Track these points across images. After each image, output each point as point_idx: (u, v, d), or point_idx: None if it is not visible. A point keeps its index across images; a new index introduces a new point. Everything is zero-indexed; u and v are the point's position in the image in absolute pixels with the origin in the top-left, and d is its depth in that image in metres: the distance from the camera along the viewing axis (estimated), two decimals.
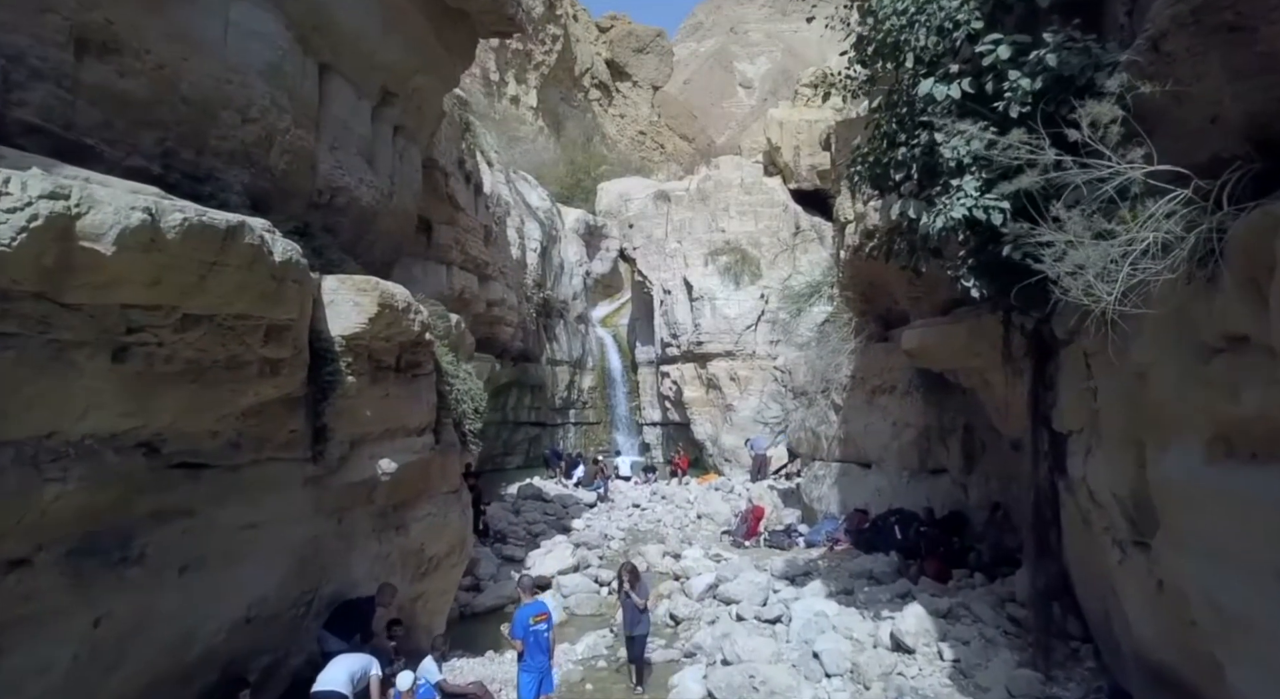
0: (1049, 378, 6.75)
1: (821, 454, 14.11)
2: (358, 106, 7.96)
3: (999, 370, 8.66)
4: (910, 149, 6.78)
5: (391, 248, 9.60)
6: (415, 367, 7.39)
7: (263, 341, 5.16)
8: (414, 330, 6.92)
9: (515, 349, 22.80)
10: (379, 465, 6.97)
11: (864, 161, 7.36)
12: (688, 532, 15.00)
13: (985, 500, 10.31)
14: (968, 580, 9.35)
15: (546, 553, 12.30)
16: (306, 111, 6.91)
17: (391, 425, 7.09)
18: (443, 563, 8.33)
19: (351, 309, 6.31)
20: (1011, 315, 6.91)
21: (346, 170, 7.63)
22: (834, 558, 11.80)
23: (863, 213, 12.17)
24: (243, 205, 6.27)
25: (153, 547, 5.06)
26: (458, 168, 16.57)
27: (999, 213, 6.03)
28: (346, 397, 6.40)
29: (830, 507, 13.47)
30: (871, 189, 7.63)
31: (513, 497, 17.65)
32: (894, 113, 6.97)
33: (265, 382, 5.34)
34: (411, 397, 7.32)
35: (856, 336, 13.20)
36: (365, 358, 6.65)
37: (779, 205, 25.36)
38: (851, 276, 13.37)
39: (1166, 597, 5.26)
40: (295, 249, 5.05)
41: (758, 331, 23.56)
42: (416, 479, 7.59)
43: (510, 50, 40.93)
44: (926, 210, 6.59)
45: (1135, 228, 3.84)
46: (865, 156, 7.37)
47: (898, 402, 12.22)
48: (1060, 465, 6.67)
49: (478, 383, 9.14)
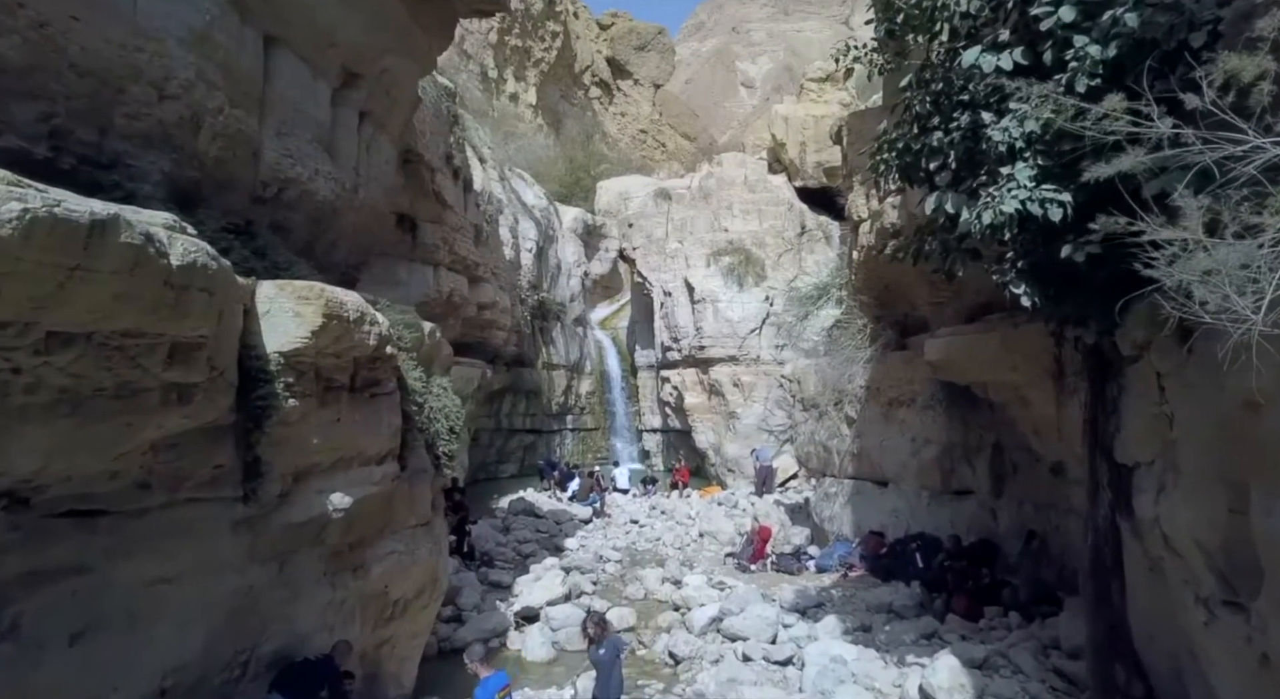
0: (1110, 400, 5.77)
1: (833, 470, 13.13)
2: (313, 87, 7.00)
3: (1040, 387, 7.70)
4: (948, 133, 5.81)
5: (358, 249, 8.63)
6: (374, 385, 6.42)
7: (165, 364, 4.19)
8: (369, 344, 5.95)
9: (509, 354, 21.86)
10: (329, 501, 6.00)
11: (891, 149, 6.38)
12: (689, 552, 14.02)
13: (1018, 527, 9.32)
14: (1002, 620, 8.36)
15: (535, 580, 11.32)
16: (246, 90, 5.95)
17: (345, 454, 6.12)
18: (411, 605, 7.36)
19: (291, 321, 5.34)
20: (1064, 327, 5.93)
21: (298, 159, 6.68)
22: (848, 586, 10.83)
23: (879, 210, 11.19)
24: (161, 197, 5.32)
25: (29, 615, 4.13)
26: (445, 163, 15.62)
27: (1058, 207, 5.06)
28: (286, 423, 5.44)
29: (842, 528, 12.49)
30: (899, 181, 6.64)
31: (503, 512, 16.68)
32: (928, 91, 6.00)
33: (171, 412, 4.38)
34: (370, 420, 6.36)
35: (872, 344, 12.22)
36: (311, 377, 5.68)
37: (784, 204, 24.39)
38: (865, 279, 12.39)
39: (1273, 674, 4.30)
40: (203, 251, 4.09)
41: (762, 336, 22.58)
42: (377, 513, 6.63)
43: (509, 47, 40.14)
44: (968, 204, 5.63)
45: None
46: (893, 143, 6.39)
47: (917, 415, 11.25)
48: (1124, 502, 5.69)
49: (454, 399, 8.17)
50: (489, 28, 37.77)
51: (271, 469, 5.43)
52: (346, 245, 8.12)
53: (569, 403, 27.21)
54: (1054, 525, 8.66)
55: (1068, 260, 5.18)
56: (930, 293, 10.73)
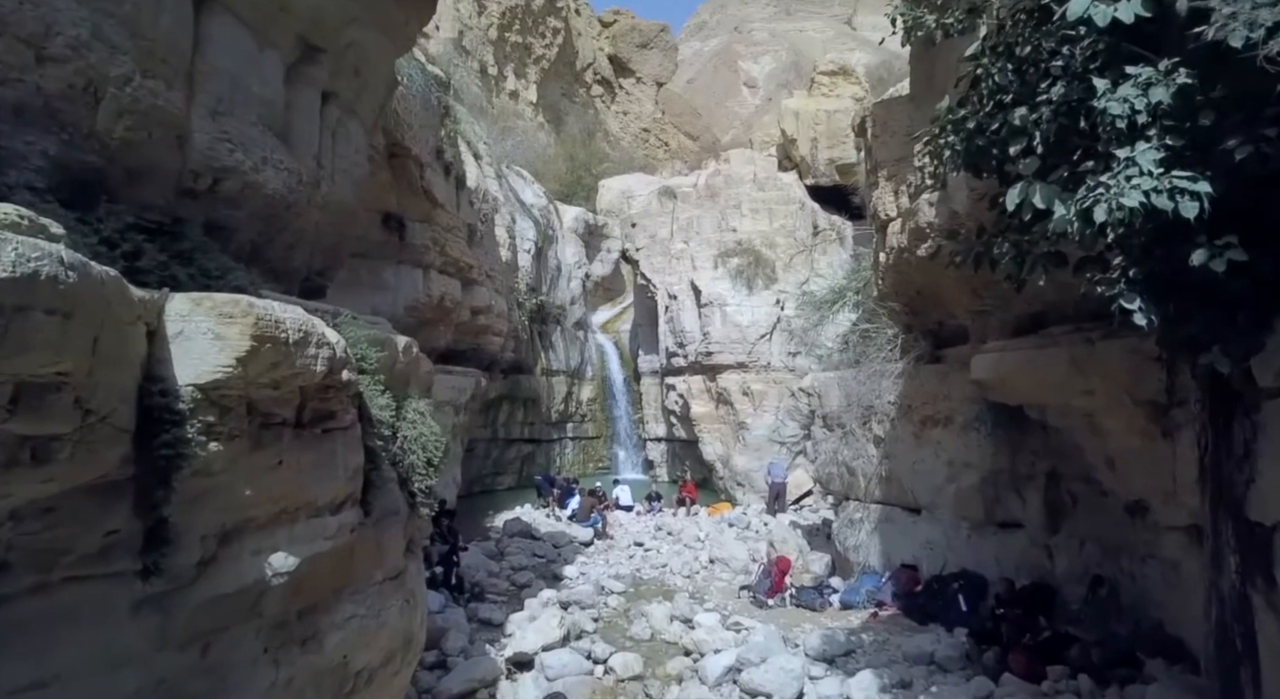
0: (1240, 442, 4.62)
1: (857, 494, 11.98)
2: (260, 60, 5.87)
3: (1121, 414, 6.54)
4: (1034, 109, 4.66)
5: (324, 253, 7.48)
6: (328, 418, 5.27)
7: (6, 411, 3.05)
8: (317, 370, 4.81)
9: (506, 360, 20.75)
10: (268, 564, 4.86)
11: (959, 131, 5.22)
12: (699, 581, 12.87)
13: (1079, 570, 8.16)
14: (1069, 683, 7.18)
15: (531, 619, 10.17)
16: (165, 57, 4.83)
17: (289, 504, 4.98)
18: (379, 674, 6.20)
19: (210, 345, 4.21)
20: (1181, 351, 4.78)
21: (240, 145, 5.54)
22: (880, 628, 9.67)
23: (912, 208, 10.04)
24: (44, 186, 4.18)
25: None
26: (435, 158, 14.50)
27: (1192, 200, 3.92)
28: (206, 474, 4.30)
29: (869, 558, 11.34)
30: (964, 169, 5.48)
31: (497, 532, 15.54)
32: (1009, 58, 4.85)
33: (23, 475, 3.24)
34: (322, 461, 5.21)
35: (903, 357, 11.07)
36: (241, 413, 4.54)
37: (795, 202, 23.22)
38: (895, 284, 11.25)
39: None
40: (51, 257, 2.95)
41: (773, 341, 21.42)
42: (333, 572, 5.48)
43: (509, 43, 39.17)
44: (1061, 198, 4.48)
45: None
46: (960, 124, 5.24)
47: (955, 437, 10.09)
48: (1259, 570, 4.54)
49: (433, 426, 7.03)
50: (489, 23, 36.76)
51: (186, 533, 4.29)
52: (308, 248, 6.97)
53: (569, 410, 26.08)
54: (1127, 572, 7.50)
55: (1201, 268, 4.05)
56: (971, 300, 9.59)
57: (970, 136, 5.11)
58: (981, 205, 8.04)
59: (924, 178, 9.57)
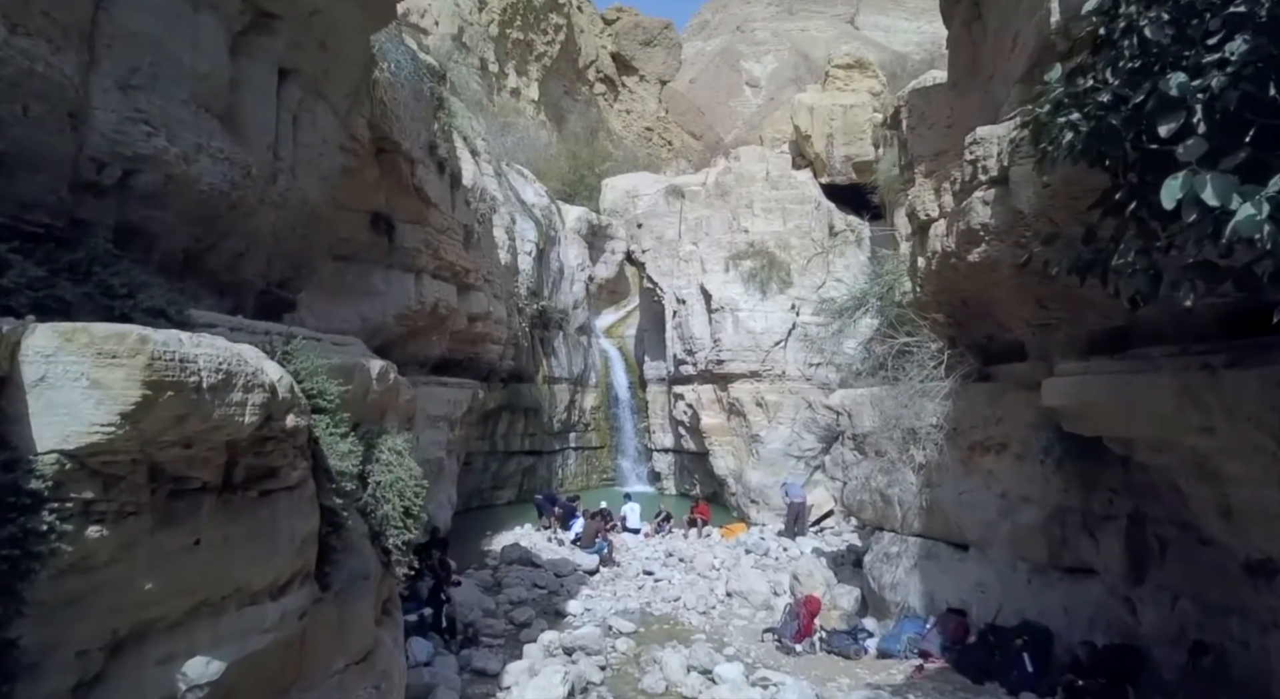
0: None
1: (893, 524, 10.79)
2: (193, 23, 4.70)
3: (1255, 460, 5.35)
4: (1202, 73, 3.49)
5: (286, 260, 6.30)
6: (268, 476, 4.11)
7: None
8: (245, 421, 3.64)
9: (505, 369, 19.60)
10: (183, 674, 3.72)
11: (1080, 106, 4.04)
12: (715, 619, 11.68)
13: (1172, 631, 6.97)
14: None
15: (530, 673, 8.98)
16: (50, 11, 3.68)
17: (211, 594, 3.83)
18: None
19: (84, 397, 3.06)
20: None
21: (163, 128, 4.38)
22: (927, 686, 8.49)
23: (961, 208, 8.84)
24: None
25: None
26: (428, 154, 13.32)
27: None
28: (83, 570, 3.17)
29: (908, 598, 10.15)
30: (1080, 157, 4.29)
31: (495, 559, 14.36)
32: (1162, 7, 3.67)
33: None
34: (258, 533, 4.05)
35: (948, 374, 9.89)
36: (139, 481, 3.40)
37: (810, 202, 22.04)
38: (937, 292, 10.04)
39: None
40: None
41: (788, 349, 20.23)
42: (276, 671, 4.33)
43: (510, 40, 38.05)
44: (1246, 192, 3.31)
45: None
46: (1080, 98, 4.06)
47: (1010, 466, 8.91)
48: None
49: (412, 468, 5.87)
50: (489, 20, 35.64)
51: (52, 653, 3.14)
52: (263, 255, 5.80)
53: (572, 420, 24.89)
54: (1239, 639, 6.31)
55: None
56: (1034, 311, 8.39)
57: (1102, 113, 3.92)
58: (1058, 203, 6.89)
59: (975, 172, 8.44)
